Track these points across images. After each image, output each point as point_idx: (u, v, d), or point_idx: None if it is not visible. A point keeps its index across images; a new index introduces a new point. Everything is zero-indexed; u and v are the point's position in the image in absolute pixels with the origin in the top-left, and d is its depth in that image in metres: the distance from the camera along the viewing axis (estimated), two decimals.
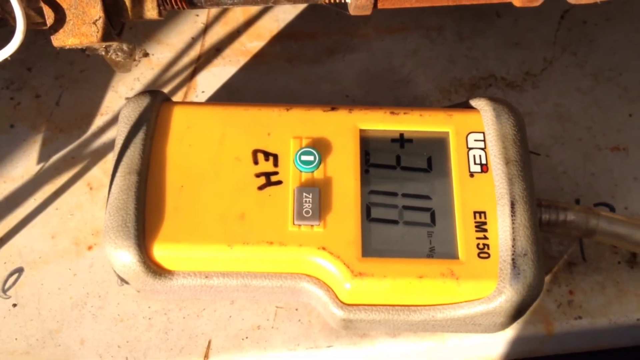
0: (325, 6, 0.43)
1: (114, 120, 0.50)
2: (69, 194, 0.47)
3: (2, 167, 0.48)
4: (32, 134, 0.49)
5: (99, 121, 0.50)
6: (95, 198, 0.47)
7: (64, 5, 0.41)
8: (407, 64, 0.53)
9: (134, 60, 0.44)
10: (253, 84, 0.52)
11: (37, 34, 0.44)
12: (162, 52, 0.53)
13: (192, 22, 0.55)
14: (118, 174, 0.40)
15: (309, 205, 0.40)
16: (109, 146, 0.49)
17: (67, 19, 0.41)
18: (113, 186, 0.40)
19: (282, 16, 0.55)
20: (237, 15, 0.55)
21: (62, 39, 0.42)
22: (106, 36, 0.42)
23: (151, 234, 0.39)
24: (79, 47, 0.43)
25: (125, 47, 0.43)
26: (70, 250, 0.45)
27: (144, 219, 0.39)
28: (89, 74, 0.51)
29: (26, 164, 0.48)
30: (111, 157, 0.48)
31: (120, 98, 0.51)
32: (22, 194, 0.47)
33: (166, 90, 0.52)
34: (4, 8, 0.43)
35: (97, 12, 0.41)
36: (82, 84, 0.51)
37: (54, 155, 0.48)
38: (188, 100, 0.51)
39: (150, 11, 0.43)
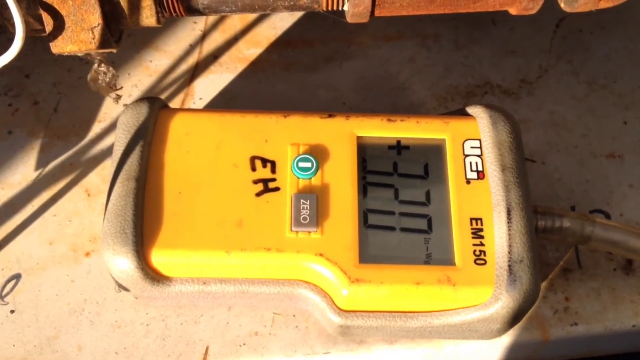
0: (323, 14, 0.44)
1: (111, 127, 0.50)
2: (66, 200, 0.47)
3: (0, 173, 0.48)
4: (30, 141, 0.49)
5: (96, 128, 0.50)
6: (93, 204, 0.47)
7: (63, 12, 0.41)
8: (403, 71, 0.54)
9: (110, 88, 0.44)
10: (250, 91, 0.52)
11: (36, 41, 0.44)
12: (160, 59, 0.53)
13: (190, 29, 0.55)
14: (117, 181, 0.40)
15: (306, 212, 0.40)
16: (106, 153, 0.49)
17: (66, 25, 0.41)
18: (112, 193, 0.40)
19: (279, 24, 0.55)
20: (235, 22, 0.55)
21: (60, 46, 0.42)
22: (104, 43, 0.43)
23: (149, 240, 0.39)
24: (78, 54, 0.43)
25: (107, 71, 0.44)
26: (68, 257, 0.45)
27: (142, 225, 0.39)
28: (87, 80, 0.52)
29: (24, 171, 0.48)
30: (109, 164, 0.48)
31: (118, 105, 0.51)
32: (20, 201, 0.47)
33: (164, 96, 0.52)
34: (3, 15, 0.43)
35: (95, 19, 0.41)
36: (80, 90, 0.51)
37: (52, 162, 0.48)
38: (186, 107, 0.51)
39: (149, 18, 0.43)
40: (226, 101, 0.52)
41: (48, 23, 0.41)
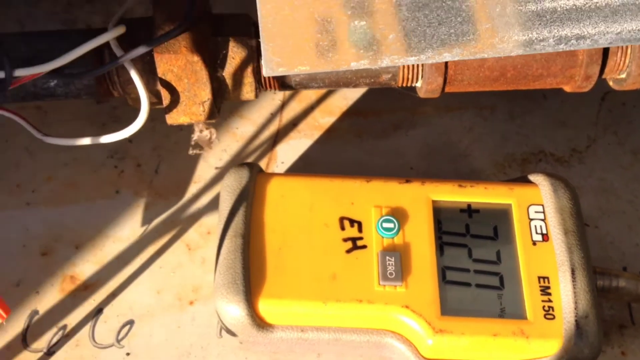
0: (393, 87, 0.49)
1: (205, 188, 0.54)
2: (170, 254, 0.51)
3: (110, 228, 0.52)
4: (135, 199, 0.53)
5: (193, 188, 0.54)
6: (194, 257, 0.51)
7: (179, 89, 0.46)
8: (463, 139, 0.58)
9: (210, 142, 0.49)
10: (326, 156, 0.57)
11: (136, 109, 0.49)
12: (245, 126, 0.58)
13: (271, 99, 0.59)
14: (226, 237, 0.45)
15: (392, 268, 0.44)
16: (202, 211, 0.53)
17: (181, 100, 0.46)
18: (222, 248, 0.45)
19: (350, 95, 0.60)
20: (310, 94, 0.60)
21: (175, 118, 0.48)
22: (211, 115, 0.48)
23: (256, 291, 0.43)
24: (187, 124, 0.48)
25: (210, 133, 0.49)
26: (174, 305, 0.49)
27: (249, 277, 0.44)
28: (183, 145, 0.56)
29: (132, 226, 0.52)
30: (206, 221, 0.52)
31: (210, 167, 0.55)
32: (129, 253, 0.51)
33: (249, 160, 0.56)
34: (125, 90, 0.48)
35: (206, 94, 0.46)
36: (176, 154, 0.56)
37: (155, 219, 0.53)
38: (270, 170, 0.56)
39: (249, 93, 0.48)
40: (305, 165, 0.56)
41: (165, 98, 0.46)
